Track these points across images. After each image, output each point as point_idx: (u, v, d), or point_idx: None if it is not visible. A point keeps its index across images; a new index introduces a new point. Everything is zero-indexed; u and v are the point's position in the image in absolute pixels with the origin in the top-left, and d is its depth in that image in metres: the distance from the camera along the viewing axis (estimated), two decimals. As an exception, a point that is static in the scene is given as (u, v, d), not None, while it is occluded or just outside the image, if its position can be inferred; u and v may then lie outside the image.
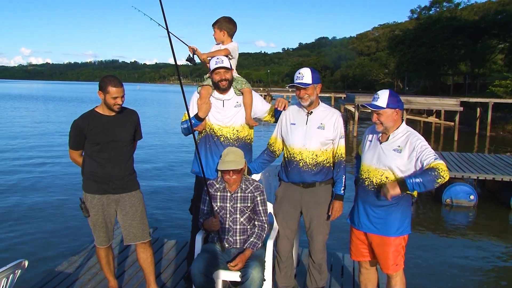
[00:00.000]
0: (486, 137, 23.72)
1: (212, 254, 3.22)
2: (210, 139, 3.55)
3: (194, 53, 3.70)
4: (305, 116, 3.37)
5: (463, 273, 6.49)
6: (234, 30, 3.71)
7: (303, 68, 3.34)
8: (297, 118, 3.40)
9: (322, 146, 3.34)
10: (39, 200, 9.56)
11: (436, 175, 2.71)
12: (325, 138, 3.33)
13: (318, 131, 3.32)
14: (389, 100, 2.90)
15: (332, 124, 3.34)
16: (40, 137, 19.86)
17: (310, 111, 3.37)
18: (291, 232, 3.51)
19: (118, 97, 3.22)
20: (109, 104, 3.24)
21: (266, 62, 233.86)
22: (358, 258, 3.33)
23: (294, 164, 3.37)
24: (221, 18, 3.70)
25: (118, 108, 3.29)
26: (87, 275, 4.10)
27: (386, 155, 2.98)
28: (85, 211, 3.34)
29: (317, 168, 3.34)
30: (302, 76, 3.25)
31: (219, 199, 3.33)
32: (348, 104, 27.95)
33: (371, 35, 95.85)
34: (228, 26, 3.67)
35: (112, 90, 3.19)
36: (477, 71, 40.53)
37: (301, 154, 3.34)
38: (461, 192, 9.77)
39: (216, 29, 3.70)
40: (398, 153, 2.93)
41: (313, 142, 3.32)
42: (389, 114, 2.93)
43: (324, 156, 3.36)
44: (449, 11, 45.26)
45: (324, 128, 3.33)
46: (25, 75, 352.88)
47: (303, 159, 3.33)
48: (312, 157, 3.33)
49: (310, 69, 3.34)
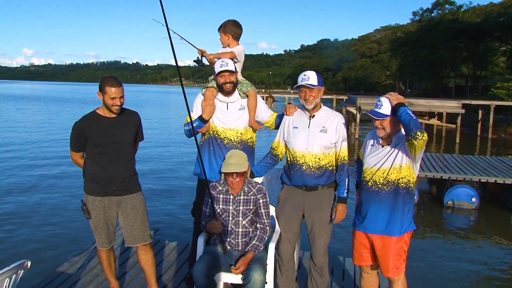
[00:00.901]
0: (488, 140, 23.69)
1: (214, 256, 3.22)
2: (213, 141, 3.55)
3: (203, 55, 3.70)
4: (308, 120, 3.37)
5: (464, 276, 6.47)
6: (239, 33, 3.70)
7: (307, 70, 3.34)
8: (300, 121, 3.40)
9: (325, 149, 3.34)
10: (41, 201, 9.57)
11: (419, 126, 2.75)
12: (328, 141, 3.33)
13: (320, 134, 3.32)
14: (392, 108, 2.93)
15: (334, 128, 3.34)
16: (42, 138, 19.89)
17: (313, 115, 3.36)
18: (293, 235, 3.51)
19: (116, 98, 3.18)
20: (107, 105, 3.22)
21: (268, 63, 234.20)
22: (360, 262, 3.33)
23: (297, 167, 3.36)
24: (226, 22, 3.69)
25: (116, 110, 3.24)
26: (88, 276, 4.11)
27: (389, 157, 3.01)
28: (86, 213, 3.34)
29: (320, 171, 3.34)
30: (308, 78, 3.25)
31: (221, 202, 3.33)
32: (349, 106, 27.93)
33: (373, 37, 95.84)
34: (233, 29, 3.66)
35: (110, 91, 3.16)
36: (479, 74, 40.48)
37: (304, 157, 3.34)
38: (463, 194, 9.76)
39: (221, 33, 3.69)
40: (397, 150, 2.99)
41: (316, 146, 3.32)
42: (392, 121, 2.96)
43: (327, 160, 3.36)
44: (451, 13, 45.25)
45: (327, 131, 3.33)
46: (27, 76, 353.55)
47: (306, 162, 3.33)
48: (315, 161, 3.33)
49: (315, 71, 3.35)
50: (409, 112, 2.82)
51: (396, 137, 3.02)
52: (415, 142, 2.75)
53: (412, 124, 2.75)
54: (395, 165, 2.99)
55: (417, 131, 2.73)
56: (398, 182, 3.00)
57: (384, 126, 2.96)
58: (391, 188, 3.01)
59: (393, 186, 3.01)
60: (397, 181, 3.00)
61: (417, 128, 2.73)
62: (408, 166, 2.99)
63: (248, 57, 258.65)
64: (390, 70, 63.52)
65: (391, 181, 3.00)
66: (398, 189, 3.01)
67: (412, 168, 3.01)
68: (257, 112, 3.61)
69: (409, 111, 2.82)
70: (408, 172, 3.00)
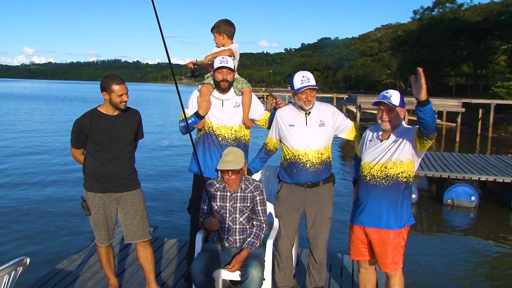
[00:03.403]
0: (488, 138, 23.68)
1: (212, 253, 3.23)
2: (208, 137, 3.57)
3: (195, 66, 3.70)
4: (304, 117, 3.38)
5: (463, 274, 6.49)
6: (233, 32, 3.72)
7: (304, 71, 3.35)
8: (296, 119, 3.40)
9: (326, 142, 3.38)
10: (40, 198, 9.61)
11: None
12: (328, 133, 3.38)
13: (320, 129, 3.35)
14: (401, 99, 2.98)
15: (330, 116, 3.39)
16: (42, 136, 19.92)
17: (308, 112, 3.38)
18: (293, 232, 3.53)
19: (123, 94, 3.25)
20: (115, 103, 3.25)
21: (268, 62, 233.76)
22: (357, 257, 3.34)
23: (300, 165, 3.36)
24: (219, 22, 3.70)
25: (124, 106, 3.31)
26: (87, 273, 4.13)
27: (388, 151, 3.02)
28: (86, 209, 3.36)
29: (322, 165, 3.37)
30: (308, 79, 3.26)
31: (219, 199, 3.35)
32: (350, 105, 27.94)
33: (373, 35, 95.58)
34: (226, 29, 3.67)
35: (117, 88, 3.21)
36: (479, 72, 40.43)
37: (306, 155, 3.34)
38: (462, 193, 9.78)
39: (215, 33, 3.70)
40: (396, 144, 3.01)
41: (317, 141, 3.34)
42: (399, 113, 3.00)
43: (327, 153, 3.41)
44: (451, 12, 45.23)
45: (325, 124, 3.36)
46: (28, 75, 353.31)
47: (310, 159, 3.34)
48: (318, 156, 3.35)
49: (310, 72, 3.38)
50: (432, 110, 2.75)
51: (395, 131, 3.03)
52: (430, 142, 2.82)
53: (434, 125, 2.75)
54: (395, 159, 2.99)
55: (435, 132, 2.79)
56: (398, 176, 3.01)
57: (392, 118, 2.98)
58: (389, 182, 3.02)
59: (392, 180, 3.01)
60: (396, 175, 3.01)
61: (436, 129, 2.79)
62: (410, 161, 3.00)
63: (249, 55, 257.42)
64: (390, 68, 63.34)
65: (390, 175, 3.01)
66: (398, 183, 3.01)
67: (413, 163, 3.03)
68: (251, 110, 3.63)
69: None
70: (409, 167, 3.01)
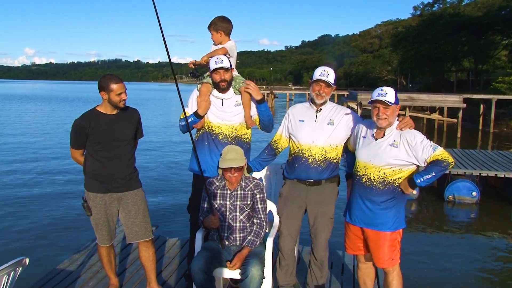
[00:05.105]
0: (490, 134, 23.64)
1: (212, 252, 3.23)
2: (209, 137, 3.56)
3: (195, 66, 3.69)
4: (314, 113, 3.38)
5: (465, 270, 6.48)
6: (230, 28, 3.69)
7: (327, 67, 3.33)
8: (306, 115, 3.41)
9: (333, 141, 3.35)
10: (41, 198, 9.62)
11: (445, 166, 2.87)
12: (336, 133, 3.34)
13: (327, 127, 3.34)
14: (395, 96, 2.97)
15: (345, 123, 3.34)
16: (43, 136, 19.95)
17: (320, 108, 3.38)
18: (295, 230, 3.52)
19: (122, 93, 3.25)
20: (114, 102, 3.25)
21: (269, 60, 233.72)
22: (354, 252, 3.35)
23: (302, 160, 3.37)
24: (215, 19, 3.66)
25: (124, 104, 3.31)
26: (88, 273, 4.13)
27: (383, 151, 2.99)
28: (87, 210, 3.36)
29: (325, 164, 3.36)
30: (327, 74, 3.25)
31: (219, 197, 3.35)
32: (350, 102, 27.88)
33: (374, 32, 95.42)
34: (223, 26, 3.64)
35: (115, 87, 3.22)
36: (480, 68, 40.30)
37: (310, 150, 3.35)
38: (463, 188, 9.76)
39: (212, 31, 3.67)
40: (395, 148, 2.96)
41: (322, 138, 3.33)
42: (395, 110, 2.98)
43: (333, 153, 3.37)
44: (452, 7, 45.06)
45: (334, 124, 3.34)
46: (29, 75, 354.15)
47: (312, 155, 3.34)
48: (321, 153, 3.34)
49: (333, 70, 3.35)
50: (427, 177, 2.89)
51: (389, 129, 3.01)
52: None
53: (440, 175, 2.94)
54: (395, 168, 2.98)
55: (447, 170, 2.96)
56: (395, 181, 3.00)
57: (388, 115, 2.96)
58: (386, 187, 3.01)
59: (389, 185, 3.00)
60: (393, 181, 3.00)
61: (444, 171, 2.93)
62: (411, 170, 3.00)
63: (250, 53, 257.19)
64: (391, 65, 63.23)
65: (388, 180, 3.00)
66: (395, 188, 3.01)
67: (415, 170, 3.02)
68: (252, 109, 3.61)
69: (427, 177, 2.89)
70: (408, 174, 3.00)
